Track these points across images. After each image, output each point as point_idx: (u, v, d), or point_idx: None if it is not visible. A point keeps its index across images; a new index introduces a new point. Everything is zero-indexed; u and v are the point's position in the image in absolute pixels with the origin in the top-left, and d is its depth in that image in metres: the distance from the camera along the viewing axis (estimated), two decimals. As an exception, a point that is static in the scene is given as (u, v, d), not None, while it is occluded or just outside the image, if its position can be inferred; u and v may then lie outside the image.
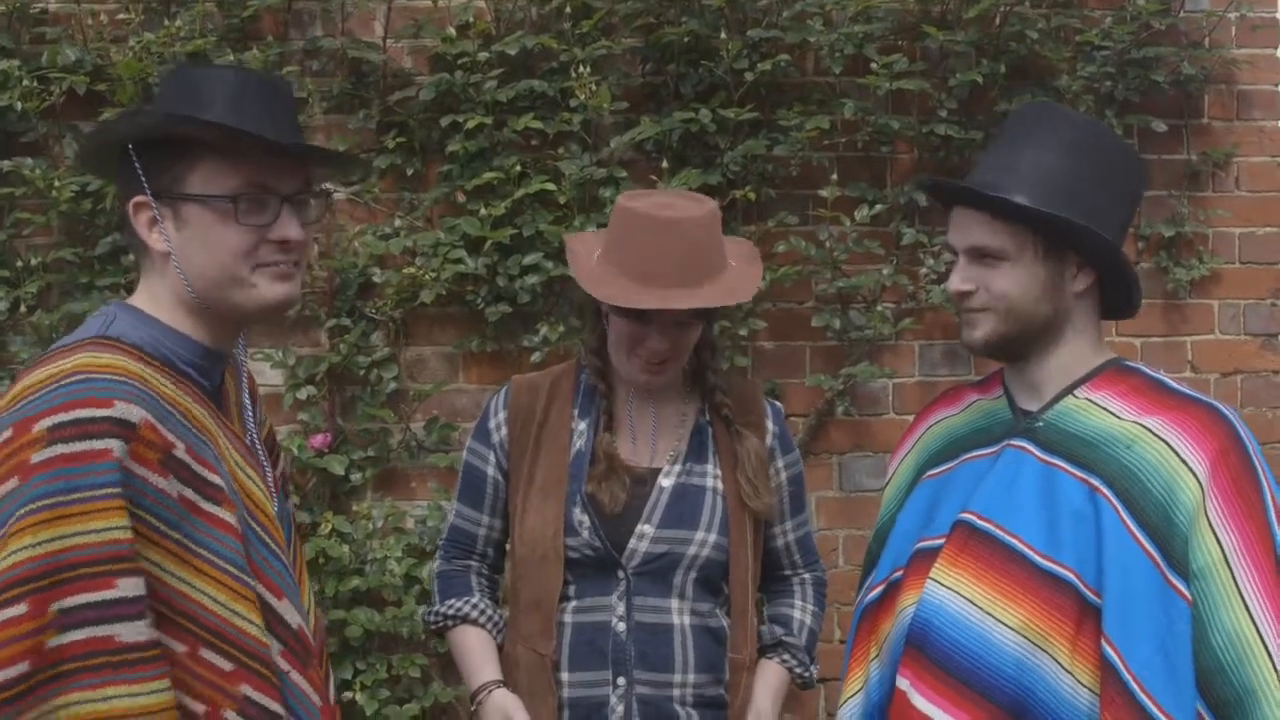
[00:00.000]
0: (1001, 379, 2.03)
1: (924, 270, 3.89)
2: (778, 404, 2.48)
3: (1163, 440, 1.82)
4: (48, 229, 3.69)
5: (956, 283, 1.92)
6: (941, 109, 3.85)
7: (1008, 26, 3.83)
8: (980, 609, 1.82)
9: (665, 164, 3.72)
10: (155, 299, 1.68)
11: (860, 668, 2.05)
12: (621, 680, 2.21)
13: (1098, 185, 1.87)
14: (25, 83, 3.61)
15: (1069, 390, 1.92)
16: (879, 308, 3.85)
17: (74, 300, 3.62)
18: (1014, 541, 1.84)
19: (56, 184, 3.59)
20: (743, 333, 3.76)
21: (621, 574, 2.23)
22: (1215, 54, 3.93)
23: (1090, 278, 1.90)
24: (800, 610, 2.45)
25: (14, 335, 3.67)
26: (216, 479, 1.61)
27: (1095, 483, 1.81)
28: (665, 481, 2.29)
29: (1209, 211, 3.98)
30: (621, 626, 2.22)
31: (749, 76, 3.70)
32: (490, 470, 2.36)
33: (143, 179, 1.63)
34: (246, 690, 1.58)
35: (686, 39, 3.70)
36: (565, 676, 2.24)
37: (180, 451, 1.58)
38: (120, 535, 1.48)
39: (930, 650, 1.86)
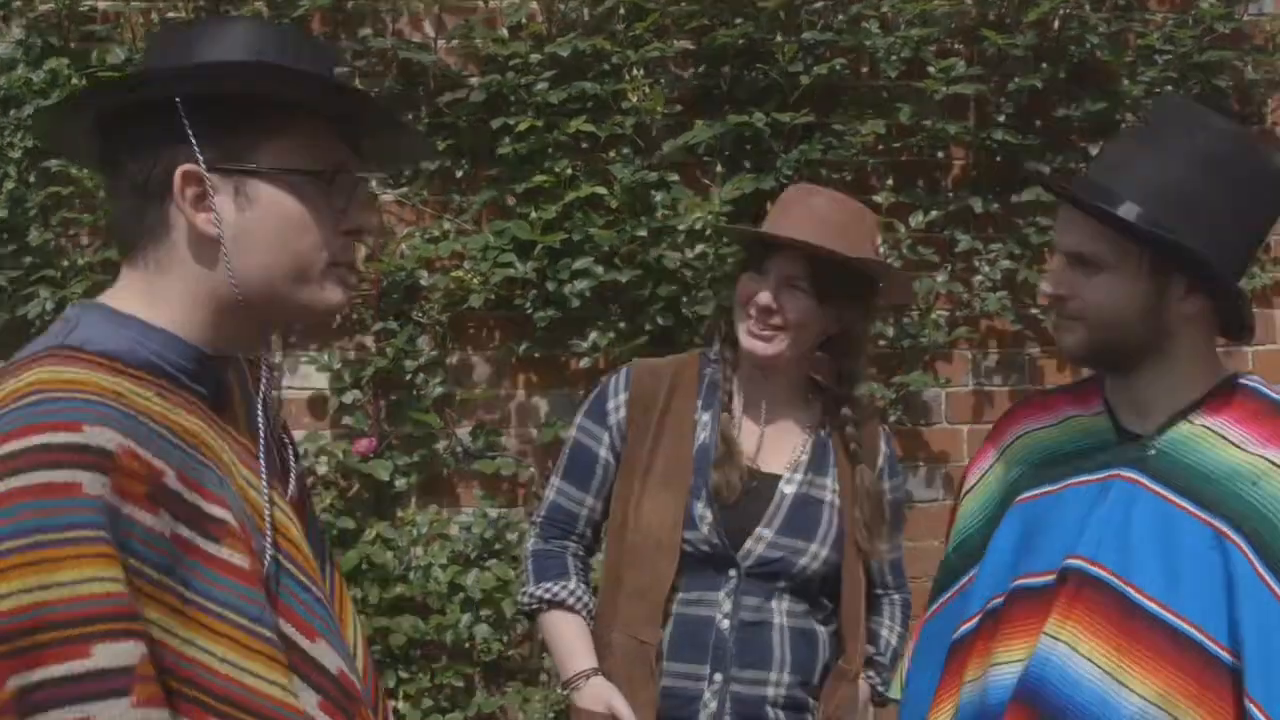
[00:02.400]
0: (1101, 391, 1.88)
1: (978, 278, 3.85)
2: (886, 428, 2.49)
3: None
4: (94, 229, 3.69)
5: (1048, 285, 1.81)
6: (999, 114, 3.82)
7: (1067, 30, 3.81)
8: (1100, 669, 1.70)
9: (719, 168, 3.71)
10: (154, 294, 1.36)
11: (950, 700, 1.92)
12: (719, 676, 2.21)
13: (1225, 203, 1.71)
14: (74, 81, 3.61)
15: (1183, 414, 1.77)
16: (933, 315, 3.82)
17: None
18: (1131, 592, 1.72)
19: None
20: None
21: (733, 572, 2.24)
22: (1279, 58, 3.88)
23: (1201, 301, 1.74)
24: (889, 630, 2.47)
25: (60, 335, 3.64)
26: (219, 511, 1.32)
27: (1221, 526, 1.67)
28: (787, 488, 2.29)
29: (1272, 220, 3.91)
30: (726, 623, 2.22)
31: (804, 80, 3.69)
32: (603, 451, 2.34)
33: (195, 145, 1.31)
34: None
35: (741, 41, 3.68)
36: (664, 666, 2.24)
37: (171, 480, 1.27)
38: (100, 589, 1.16)
39: (1044, 708, 1.74)
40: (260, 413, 1.47)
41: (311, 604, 1.41)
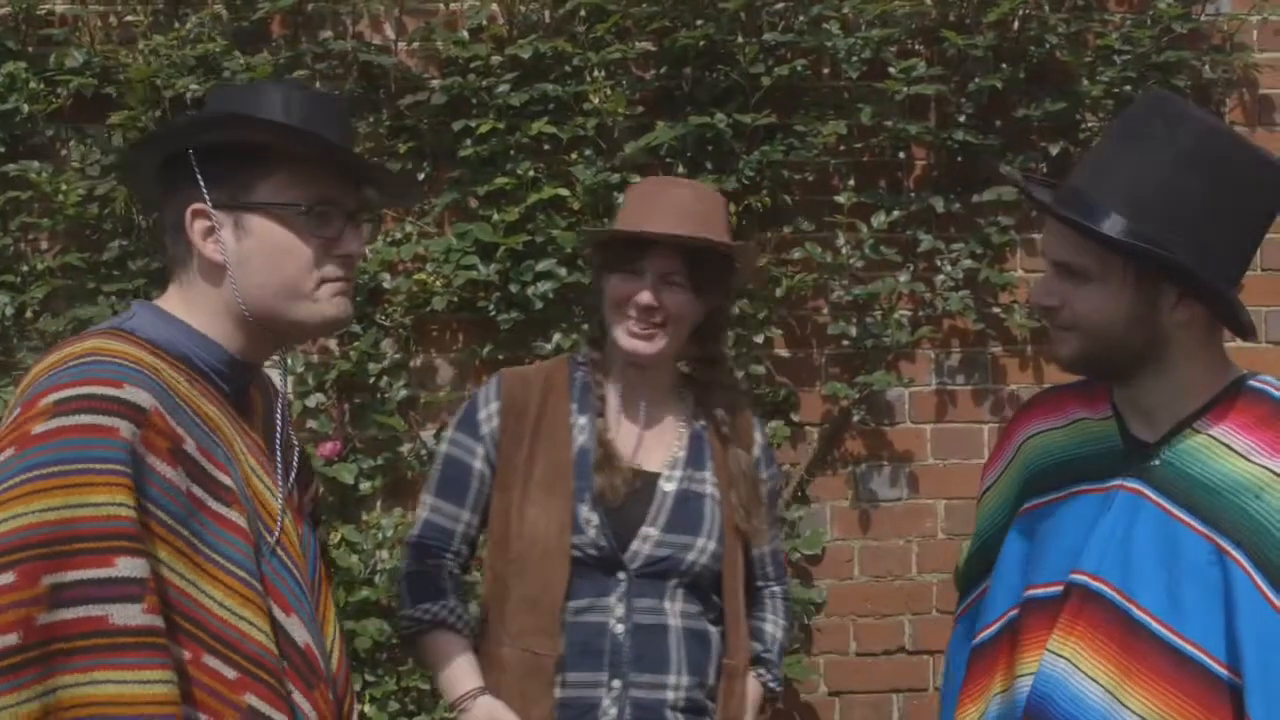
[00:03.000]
0: (1109, 395, 1.86)
1: (941, 278, 3.86)
2: (758, 419, 2.49)
3: None
4: (54, 234, 3.67)
5: (1040, 295, 1.77)
6: (960, 114, 3.82)
7: (1026, 30, 3.80)
8: (1102, 687, 1.70)
9: (680, 169, 3.70)
10: (190, 305, 1.65)
11: (975, 706, 1.93)
12: (617, 682, 2.19)
13: (1213, 206, 1.65)
14: (32, 85, 3.58)
15: (1188, 422, 1.74)
16: (895, 315, 3.82)
17: (80, 306, 3.58)
18: (1133, 609, 1.71)
19: (64, 188, 3.56)
20: (758, 340, 3.76)
21: (622, 575, 2.21)
22: (1237, 58, 3.89)
23: (1195, 308, 1.70)
24: (773, 625, 2.47)
25: (20, 341, 3.64)
26: (227, 480, 1.57)
27: (1222, 542, 1.65)
28: (667, 486, 2.28)
29: (1231, 218, 3.92)
30: (620, 628, 2.20)
31: (765, 81, 3.69)
32: (478, 464, 2.31)
33: (203, 186, 1.60)
34: (251, 700, 1.51)
35: (702, 43, 3.67)
36: (562, 676, 2.20)
37: (189, 447, 1.52)
38: (125, 512, 1.41)
39: None
40: (279, 422, 1.74)
41: (293, 585, 1.62)
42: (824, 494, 3.85)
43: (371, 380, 3.70)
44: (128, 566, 1.40)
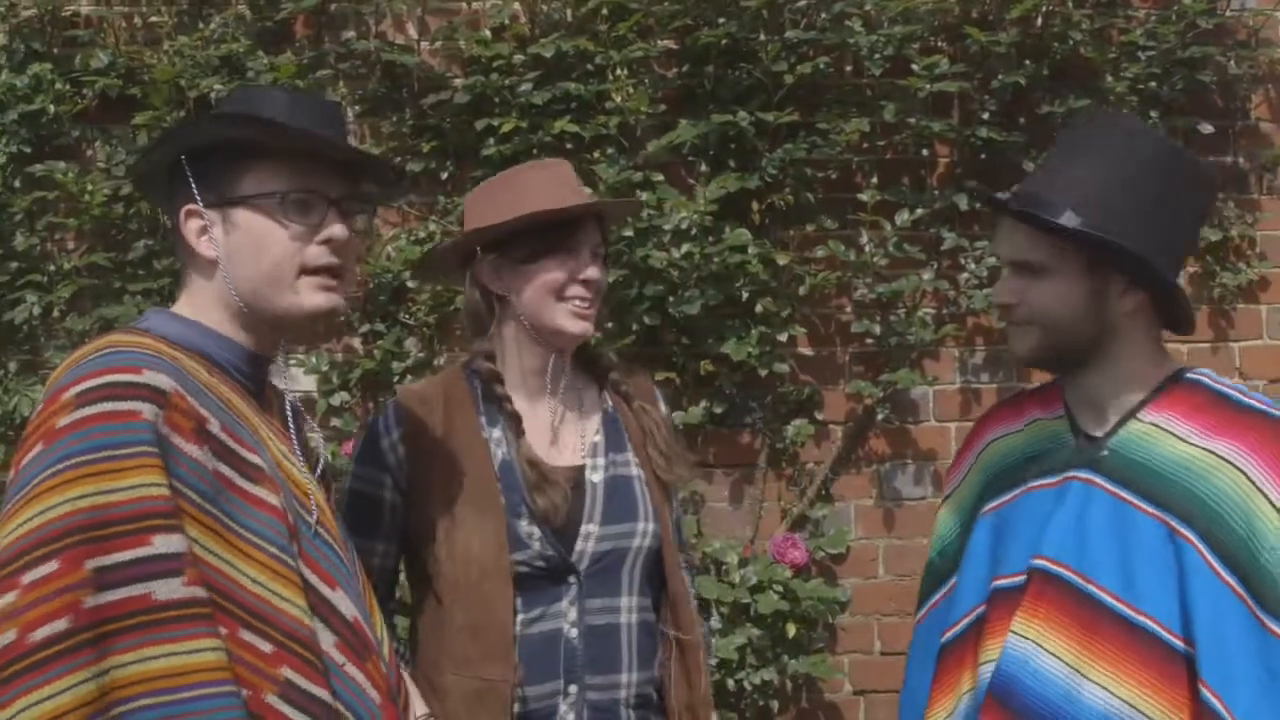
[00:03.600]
0: (1062, 395, 1.97)
1: (965, 275, 3.85)
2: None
3: (1235, 467, 1.75)
4: (80, 233, 3.68)
5: (1000, 294, 1.89)
6: (983, 111, 3.81)
7: (1050, 27, 3.80)
8: (1065, 664, 1.78)
9: (703, 167, 3.71)
10: (197, 306, 1.69)
11: (945, 703, 1.99)
12: (573, 688, 2.11)
13: (1156, 204, 1.79)
14: (57, 86, 3.61)
15: (1132, 413, 1.86)
16: (919, 313, 3.81)
17: (106, 305, 3.61)
18: (1091, 588, 1.80)
19: (89, 188, 3.59)
20: (782, 338, 3.74)
21: (573, 578, 2.14)
22: (1263, 53, 3.88)
23: (1140, 296, 1.84)
24: (696, 602, 2.39)
25: (47, 340, 3.66)
26: (256, 459, 1.60)
27: (1172, 522, 1.75)
28: (594, 477, 2.20)
29: (1257, 214, 3.94)
30: (574, 632, 2.12)
31: (788, 79, 3.68)
32: (387, 494, 2.19)
33: (193, 187, 1.66)
34: (288, 673, 1.54)
35: (724, 41, 3.67)
36: (518, 693, 2.10)
37: (214, 427, 1.56)
38: (156, 492, 1.46)
39: (1014, 704, 1.81)
40: (290, 413, 1.78)
41: (336, 562, 1.67)
42: (848, 493, 3.84)
43: (395, 379, 3.69)
44: (164, 543, 1.45)
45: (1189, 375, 1.88)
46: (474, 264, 2.21)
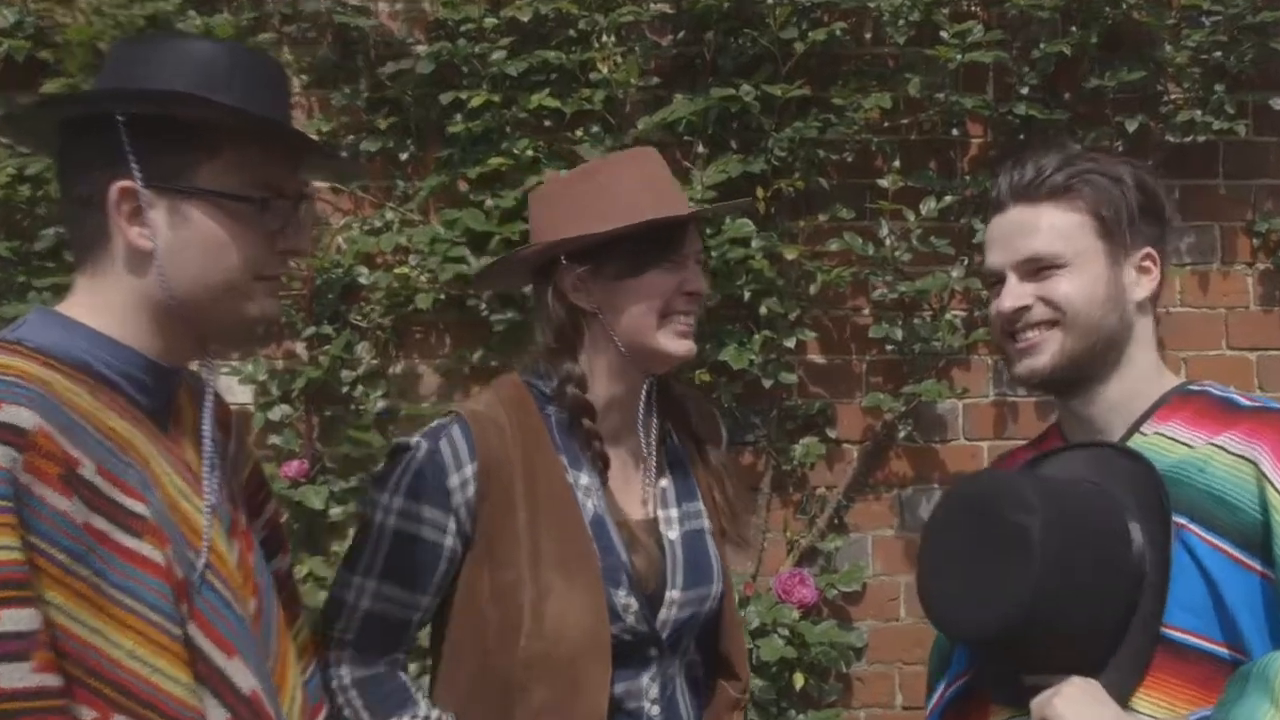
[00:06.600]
0: (1059, 430, 1.95)
1: (999, 273, 3.57)
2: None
3: (1238, 456, 1.73)
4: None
5: (1007, 302, 1.86)
6: (1022, 85, 3.62)
7: (1100, -12, 3.65)
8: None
9: (700, 148, 3.55)
10: (97, 304, 1.54)
11: None
12: None
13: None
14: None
15: (1135, 428, 1.84)
16: (947, 316, 3.63)
17: (8, 303, 3.38)
18: None
19: (-11, 167, 3.41)
20: (789, 344, 3.58)
21: (654, 650, 1.99)
22: (1343, 19, 3.71)
23: (1154, 272, 1.86)
24: None
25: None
26: (138, 507, 1.45)
27: (1179, 520, 1.73)
28: (670, 533, 2.05)
29: (1333, 203, 3.78)
30: (655, 710, 1.99)
31: (798, 48, 3.52)
32: (449, 540, 1.94)
33: (134, 163, 1.49)
34: None
35: (726, 4, 3.53)
36: None
37: (87, 471, 1.41)
38: (6, 556, 1.31)
39: None
40: (215, 445, 1.62)
41: (234, 623, 1.52)
42: (865, 522, 3.67)
43: (345, 390, 3.53)
44: (12, 620, 1.30)
45: (1191, 387, 1.88)
46: (555, 275, 2.01)
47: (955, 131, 3.67)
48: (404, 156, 3.54)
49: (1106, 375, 1.85)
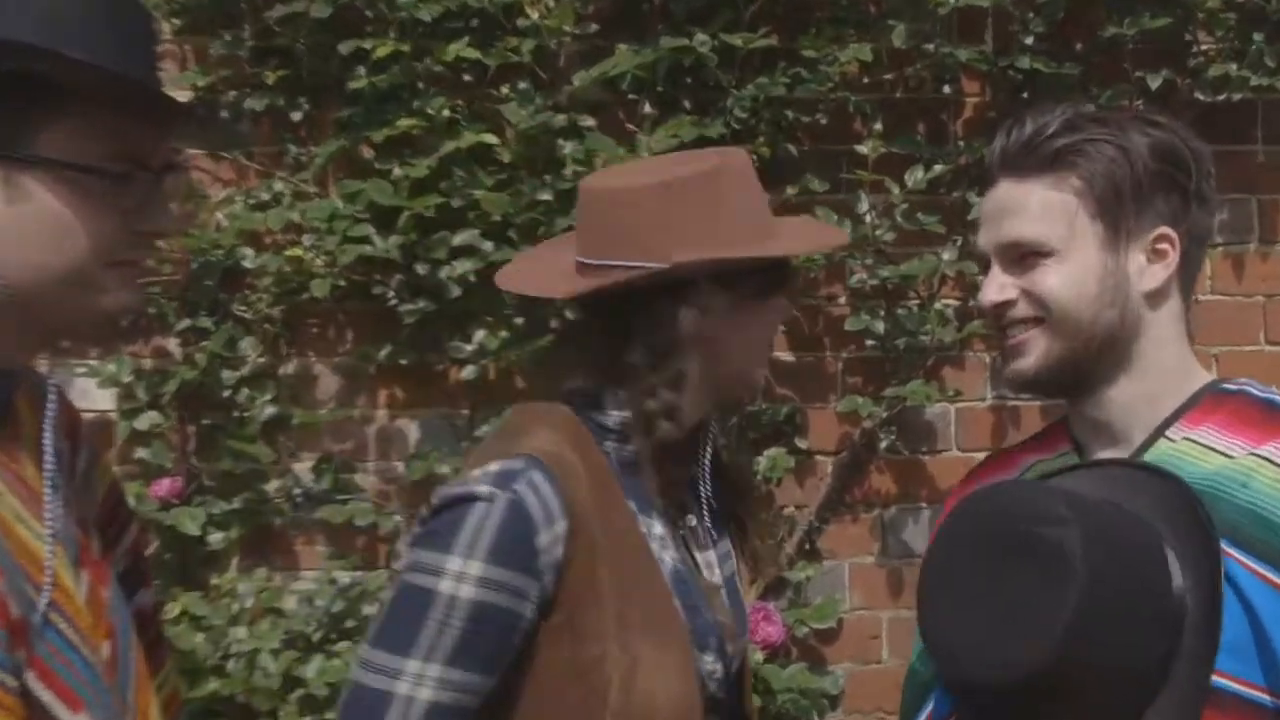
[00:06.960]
0: (1067, 430, 1.87)
1: (997, 254, 3.39)
2: None
3: None
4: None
5: (990, 294, 1.86)
6: (1026, 34, 3.41)
7: (1116, -79, 3.47)
8: None
9: (648, 108, 3.37)
10: None
11: None
12: None
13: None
14: None
15: (1160, 432, 1.75)
16: (937, 305, 3.44)
17: None
18: None
19: None
20: None
21: (715, 716, 1.98)
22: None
23: (1171, 255, 1.74)
24: None
25: None
26: None
27: (1222, 545, 1.66)
28: (714, 577, 2.00)
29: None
30: None
31: None
32: (528, 611, 1.81)
33: None
34: None
35: None
36: None
37: None
38: None
39: None
40: (57, 459, 1.57)
41: (81, 670, 1.46)
42: (840, 547, 3.48)
43: (226, 393, 3.32)
44: None
45: (1226, 385, 1.80)
46: (687, 295, 1.88)
47: (947, 89, 3.50)
48: (296, 117, 3.34)
49: (1113, 376, 1.76)
